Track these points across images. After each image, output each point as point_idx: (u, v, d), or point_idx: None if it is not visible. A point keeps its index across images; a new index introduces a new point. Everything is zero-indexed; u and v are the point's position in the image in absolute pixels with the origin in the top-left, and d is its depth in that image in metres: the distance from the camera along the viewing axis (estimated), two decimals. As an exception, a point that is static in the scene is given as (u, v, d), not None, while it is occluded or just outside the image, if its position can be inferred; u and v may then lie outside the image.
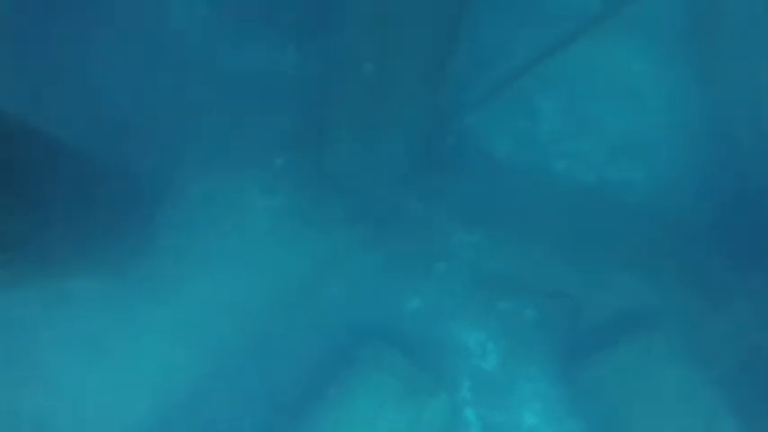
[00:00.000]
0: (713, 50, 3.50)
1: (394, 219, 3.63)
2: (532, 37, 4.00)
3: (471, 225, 3.72)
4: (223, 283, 3.38)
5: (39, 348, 3.12)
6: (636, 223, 3.89)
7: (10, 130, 2.05)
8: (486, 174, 3.86)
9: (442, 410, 3.35)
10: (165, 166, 3.25)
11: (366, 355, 3.35)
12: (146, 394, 3.16)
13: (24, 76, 3.36)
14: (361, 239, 3.59)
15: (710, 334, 3.65)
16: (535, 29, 4.00)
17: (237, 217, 3.36)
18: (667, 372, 3.53)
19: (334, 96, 3.35)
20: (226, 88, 3.47)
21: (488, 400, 3.67)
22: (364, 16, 3.12)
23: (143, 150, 3.23)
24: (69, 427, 3.08)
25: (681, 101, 4.02)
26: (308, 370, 3.43)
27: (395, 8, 3.05)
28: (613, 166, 4.06)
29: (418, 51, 3.17)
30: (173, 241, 3.13)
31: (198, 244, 3.24)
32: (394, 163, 3.50)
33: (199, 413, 3.28)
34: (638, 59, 4.00)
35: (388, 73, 3.18)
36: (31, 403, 3.08)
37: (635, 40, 3.97)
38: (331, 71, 3.30)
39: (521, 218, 3.79)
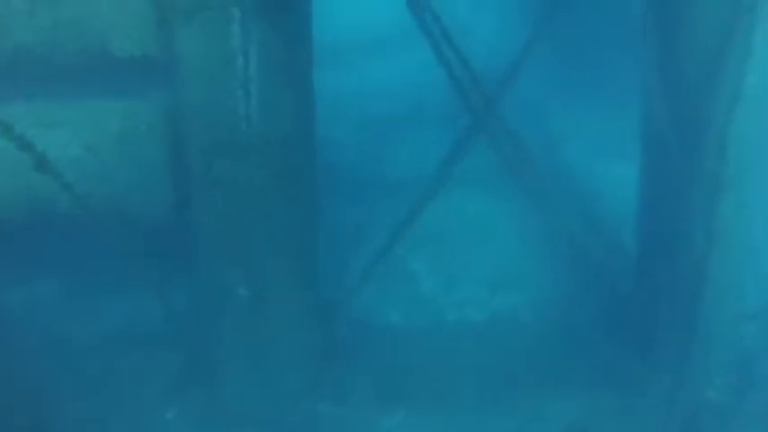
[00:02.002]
0: (528, 183, 3.89)
1: (312, 430, 3.43)
2: (387, 208, 4.22)
3: (390, 406, 3.61)
4: None
5: None
6: (539, 347, 4.00)
7: None
8: (387, 349, 3.84)
9: None
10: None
11: None
12: None
13: None
14: (284, 465, 3.32)
15: (645, 428, 3.71)
16: (387, 200, 4.24)
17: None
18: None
19: (215, 330, 3.23)
20: (88, 358, 3.24)
21: None
22: (223, 243, 3.12)
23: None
24: None
25: (529, 227, 4.39)
26: None
27: (250, 226, 3.09)
28: (498, 300, 4.24)
29: (284, 260, 3.20)
30: None
31: None
32: (294, 374, 3.37)
33: None
34: (483, 203, 4.36)
35: (263, 291, 3.15)
36: None
37: (473, 188, 4.35)
38: (204, 306, 3.20)
39: (434, 380, 3.76)
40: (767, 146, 2.97)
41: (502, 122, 3.75)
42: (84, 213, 2.91)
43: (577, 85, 5.25)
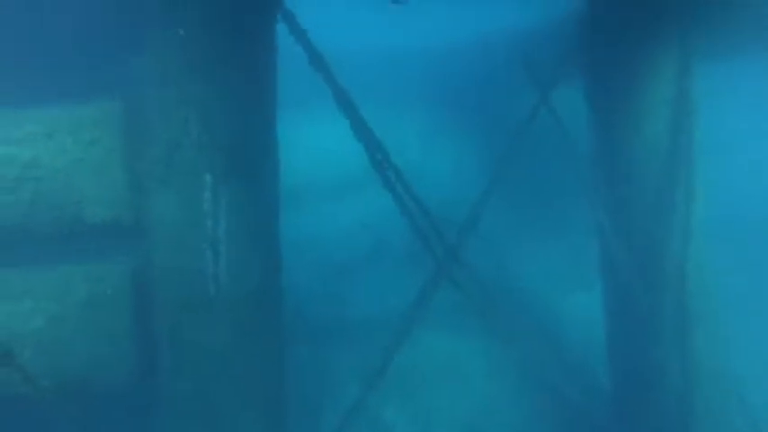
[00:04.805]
0: (495, 322, 3.92)
1: None
2: (356, 359, 4.13)
3: None
4: None
5: None
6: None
7: None
8: None
9: None
10: None
11: None
12: None
13: None
14: None
15: None
16: (355, 352, 4.16)
17: None
18: None
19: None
20: None
21: None
22: (191, 407, 2.96)
23: None
24: None
25: (501, 365, 4.35)
26: None
27: (218, 387, 2.97)
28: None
29: (254, 421, 3.04)
30: None
31: None
32: None
33: None
34: (450, 342, 4.33)
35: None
36: None
37: (443, 328, 4.33)
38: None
39: None
40: (727, 277, 3.09)
41: (465, 265, 3.83)
42: (42, 394, 2.74)
43: (535, 226, 5.43)
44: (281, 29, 3.15)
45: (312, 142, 5.83)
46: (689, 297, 3.12)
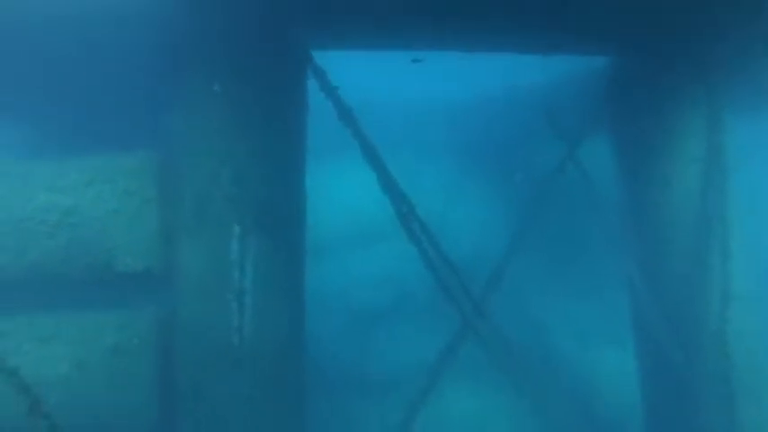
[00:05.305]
0: (521, 379, 3.80)
1: None
2: (379, 413, 4.04)
3: None
4: None
5: None
6: None
7: None
8: None
9: None
10: None
11: None
12: None
13: None
14: None
15: None
16: (377, 405, 4.07)
17: None
18: None
19: None
20: None
21: None
22: None
23: None
24: None
25: (527, 423, 4.21)
26: None
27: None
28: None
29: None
30: None
31: None
32: None
33: None
34: (476, 398, 4.22)
35: None
36: None
37: (468, 383, 4.23)
38: None
39: None
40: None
41: (491, 320, 3.76)
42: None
43: (563, 280, 5.33)
44: (311, 85, 3.23)
45: (339, 195, 5.87)
46: (732, 364, 2.94)
